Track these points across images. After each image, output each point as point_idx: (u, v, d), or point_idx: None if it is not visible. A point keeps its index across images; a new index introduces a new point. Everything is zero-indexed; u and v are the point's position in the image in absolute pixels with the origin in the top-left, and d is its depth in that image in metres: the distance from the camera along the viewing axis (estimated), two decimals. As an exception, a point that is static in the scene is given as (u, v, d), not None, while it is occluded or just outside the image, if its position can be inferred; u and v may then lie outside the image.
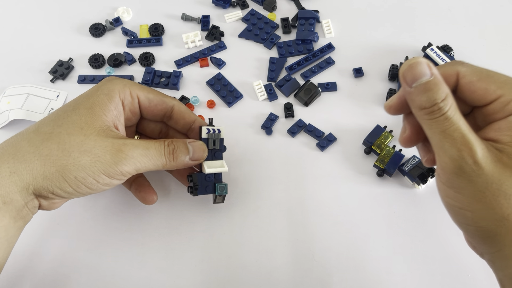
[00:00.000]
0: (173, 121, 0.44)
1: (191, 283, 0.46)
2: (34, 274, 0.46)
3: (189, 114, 0.45)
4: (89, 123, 0.37)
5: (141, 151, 0.37)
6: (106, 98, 0.39)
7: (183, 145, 0.41)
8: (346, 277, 0.45)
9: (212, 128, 0.44)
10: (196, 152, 0.41)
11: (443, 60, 0.55)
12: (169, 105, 0.43)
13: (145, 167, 0.38)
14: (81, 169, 0.35)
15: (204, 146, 0.42)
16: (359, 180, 0.51)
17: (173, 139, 0.41)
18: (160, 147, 0.39)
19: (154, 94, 0.42)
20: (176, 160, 0.40)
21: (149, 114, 0.43)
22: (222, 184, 0.45)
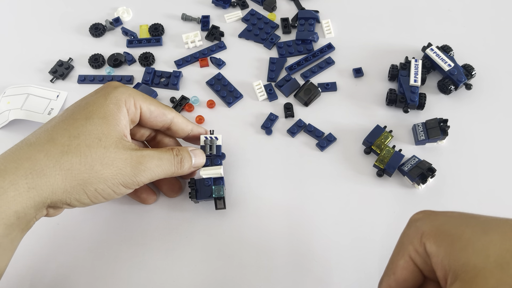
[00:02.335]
0: (171, 132, 0.46)
1: (191, 283, 0.46)
2: (34, 274, 0.46)
3: (186, 124, 0.46)
4: (106, 134, 0.37)
5: (157, 162, 0.39)
6: (115, 108, 0.39)
7: (188, 154, 0.43)
8: (346, 277, 0.45)
9: (209, 136, 0.48)
10: (197, 160, 0.44)
11: (443, 60, 0.55)
12: (168, 118, 0.44)
13: (158, 176, 0.40)
14: (103, 182, 0.36)
15: (203, 153, 0.45)
16: (359, 180, 0.51)
17: (179, 148, 0.42)
18: (171, 158, 0.41)
19: (155, 106, 0.43)
20: (182, 168, 0.42)
21: (148, 124, 0.44)
22: (218, 186, 0.46)
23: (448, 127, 0.51)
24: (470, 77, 0.56)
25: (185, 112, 0.56)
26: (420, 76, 0.54)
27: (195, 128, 0.47)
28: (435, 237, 0.28)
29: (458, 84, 0.54)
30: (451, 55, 0.58)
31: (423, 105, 0.54)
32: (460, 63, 0.57)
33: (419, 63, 0.55)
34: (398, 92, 0.55)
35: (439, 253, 0.28)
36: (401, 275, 0.30)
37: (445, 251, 0.27)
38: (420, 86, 0.55)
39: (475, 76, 0.56)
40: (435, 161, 0.50)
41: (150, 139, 0.48)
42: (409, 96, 0.53)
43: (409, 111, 0.55)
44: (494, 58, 0.59)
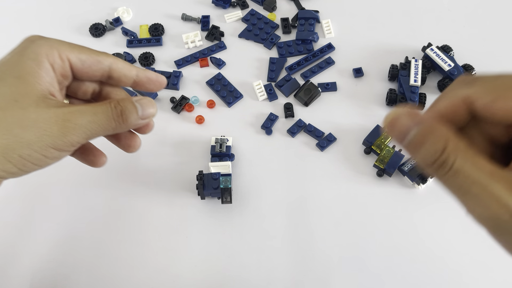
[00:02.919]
0: (114, 80, 0.40)
1: (191, 283, 0.45)
2: (34, 274, 0.46)
3: (129, 68, 0.40)
4: (23, 94, 0.33)
5: (89, 118, 0.34)
6: (34, 64, 0.35)
7: (131, 104, 0.37)
8: (346, 277, 0.45)
9: (221, 137, 0.51)
10: (145, 109, 0.38)
11: (443, 60, 0.55)
12: (105, 65, 0.39)
13: (95, 134, 0.35)
14: (26, 146, 0.32)
15: (152, 101, 0.39)
16: (359, 180, 0.51)
17: (119, 100, 0.37)
18: (108, 111, 0.36)
19: (86, 54, 0.38)
20: (126, 122, 0.37)
21: (84, 76, 0.39)
22: (226, 177, 0.47)
23: (448, 127, 0.51)
24: (470, 77, 0.56)
25: (185, 112, 0.56)
26: (420, 76, 0.54)
27: (141, 72, 0.41)
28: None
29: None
30: (451, 55, 0.58)
31: (423, 105, 0.54)
32: (460, 63, 0.57)
33: (419, 63, 0.55)
34: (398, 92, 0.55)
35: None
36: (443, 107, 0.26)
37: None
38: (420, 86, 0.55)
39: (475, 76, 0.56)
40: (435, 161, 0.50)
41: (97, 95, 0.43)
42: (409, 96, 0.53)
43: (409, 111, 0.55)
44: (494, 58, 0.59)
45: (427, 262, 0.46)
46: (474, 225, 0.36)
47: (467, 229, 0.48)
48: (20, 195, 0.51)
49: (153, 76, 0.42)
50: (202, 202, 0.50)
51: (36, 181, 0.52)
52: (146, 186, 0.51)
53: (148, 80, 0.42)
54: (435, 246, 0.47)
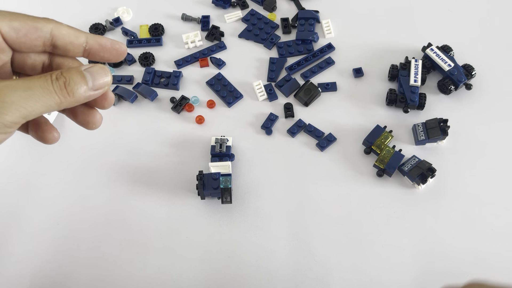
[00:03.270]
0: (60, 49, 0.35)
1: (191, 283, 0.46)
2: (34, 274, 0.46)
3: (76, 34, 0.35)
4: None
5: (23, 93, 0.30)
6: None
7: (77, 74, 0.32)
8: (346, 277, 0.45)
9: (221, 137, 0.51)
10: (96, 78, 0.33)
11: (443, 60, 0.55)
12: (45, 31, 0.33)
13: (35, 111, 0.31)
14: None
15: (105, 67, 0.34)
16: (359, 180, 0.51)
17: (63, 70, 0.32)
18: (47, 83, 0.31)
19: (20, 21, 0.33)
20: (73, 95, 0.32)
21: (23, 47, 0.34)
22: (226, 177, 0.47)
23: (448, 127, 0.51)
24: (470, 77, 0.56)
25: (185, 112, 0.56)
26: (420, 76, 0.54)
27: (91, 39, 0.35)
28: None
29: (458, 84, 0.54)
30: (451, 55, 0.58)
31: (423, 105, 0.54)
32: (460, 63, 0.57)
33: (419, 63, 0.55)
34: (398, 92, 0.55)
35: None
36: None
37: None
38: (420, 86, 0.55)
39: (475, 76, 0.56)
40: (435, 161, 0.50)
41: (48, 69, 0.37)
42: (409, 96, 0.53)
43: (409, 111, 0.55)
44: (494, 58, 0.59)
45: (427, 262, 0.46)
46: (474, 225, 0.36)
47: (467, 229, 0.48)
48: (20, 195, 0.51)
49: (107, 43, 0.36)
50: (202, 202, 0.50)
51: (36, 181, 0.52)
52: (146, 186, 0.51)
53: (101, 47, 0.36)
54: (435, 246, 0.47)
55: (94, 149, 0.54)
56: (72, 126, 0.55)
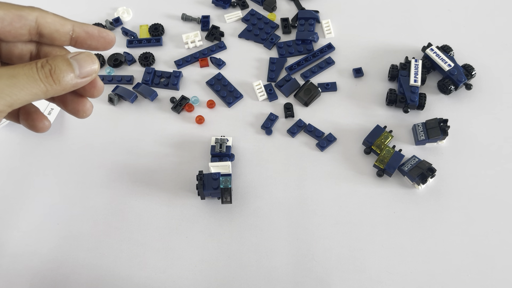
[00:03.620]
0: (46, 38, 0.35)
1: (191, 283, 0.46)
2: (34, 274, 0.46)
3: (62, 22, 0.35)
4: None
5: (7, 81, 0.30)
6: None
7: (64, 62, 0.32)
8: (346, 277, 0.45)
9: (221, 137, 0.51)
10: (83, 66, 0.33)
11: (443, 60, 0.55)
12: (30, 20, 0.33)
13: (20, 99, 0.30)
14: None
15: (91, 55, 0.33)
16: (359, 180, 0.51)
17: (49, 58, 0.32)
18: (32, 71, 0.31)
19: (4, 10, 0.32)
20: (59, 83, 0.32)
21: (8, 36, 0.33)
22: (226, 177, 0.47)
23: (448, 127, 0.51)
24: (470, 77, 0.56)
25: (185, 112, 0.56)
26: (420, 76, 0.54)
27: (78, 27, 0.35)
28: None
29: (458, 84, 0.54)
30: (451, 55, 0.58)
31: (423, 105, 0.54)
32: (460, 63, 0.57)
33: (419, 63, 0.55)
34: (398, 92, 0.55)
35: None
36: None
37: None
38: (420, 86, 0.55)
39: (475, 76, 0.56)
40: (435, 161, 0.51)
41: (36, 58, 0.37)
42: (409, 96, 0.53)
43: (409, 111, 0.55)
44: (494, 58, 0.59)
45: (427, 262, 0.46)
46: (474, 225, 0.36)
47: (467, 229, 0.48)
48: (20, 195, 0.51)
49: (94, 31, 0.36)
50: (202, 202, 0.50)
51: (36, 181, 0.52)
52: (146, 186, 0.51)
53: (88, 35, 0.35)
54: (435, 246, 0.47)
55: (94, 149, 0.54)
56: (73, 126, 0.56)
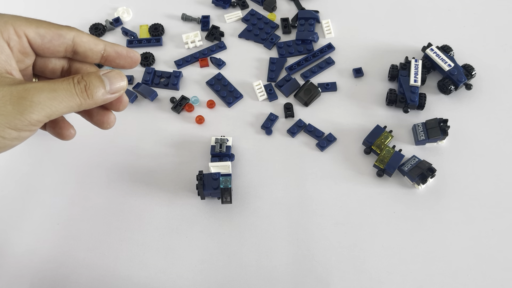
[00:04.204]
0: (80, 56, 0.38)
1: (191, 283, 0.46)
2: (34, 274, 0.46)
3: (95, 42, 0.38)
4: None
5: (48, 94, 0.32)
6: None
7: (97, 78, 0.35)
8: (346, 277, 0.45)
9: (221, 137, 0.51)
10: (113, 83, 0.36)
11: (443, 60, 0.55)
12: (67, 38, 0.36)
13: (57, 111, 0.33)
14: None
15: (121, 73, 0.37)
16: (359, 180, 0.51)
17: (84, 74, 0.35)
18: (69, 86, 0.34)
19: (45, 28, 0.36)
20: (92, 98, 0.35)
21: (46, 52, 0.37)
22: (226, 177, 0.47)
23: (448, 127, 0.51)
24: (470, 77, 0.56)
25: (185, 112, 0.56)
26: (420, 76, 0.54)
27: (109, 47, 0.38)
28: None
29: (458, 84, 0.54)
30: (451, 55, 0.58)
31: (423, 105, 0.54)
32: (460, 63, 0.57)
33: (419, 63, 0.55)
34: (398, 92, 0.55)
35: None
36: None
37: None
38: (420, 86, 0.55)
39: (475, 76, 0.56)
40: (435, 161, 0.51)
41: (67, 73, 0.40)
42: (409, 96, 0.53)
43: (409, 111, 0.55)
44: (494, 58, 0.59)
45: (427, 262, 0.46)
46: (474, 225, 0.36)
47: (467, 228, 0.48)
48: (20, 195, 0.51)
49: (123, 51, 0.39)
50: (202, 202, 0.50)
51: (36, 181, 0.52)
52: (146, 186, 0.51)
53: (117, 55, 0.39)
54: (435, 246, 0.47)
55: (94, 149, 0.54)
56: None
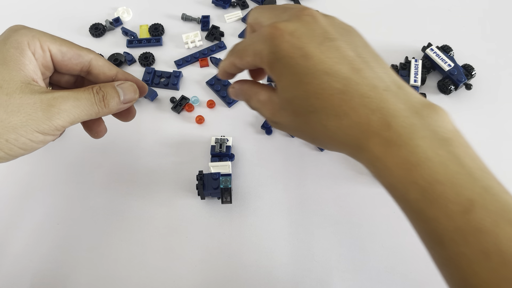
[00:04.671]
0: (93, 76, 0.42)
1: (191, 283, 0.46)
2: (34, 274, 0.46)
3: (110, 67, 0.42)
4: (8, 80, 0.34)
5: (73, 103, 0.36)
6: (17, 52, 0.36)
7: (112, 89, 0.39)
8: (346, 277, 0.45)
9: (221, 137, 0.52)
10: (127, 94, 0.40)
11: (443, 60, 0.55)
12: (85, 59, 0.40)
13: (79, 118, 0.37)
14: (12, 131, 0.33)
15: (134, 85, 0.41)
16: (359, 180, 0.51)
17: (101, 85, 0.39)
18: (90, 96, 0.37)
19: (68, 47, 0.39)
20: (108, 107, 0.38)
21: (63, 68, 0.40)
22: (226, 177, 0.47)
23: (448, 127, 0.51)
24: (470, 77, 0.56)
25: (185, 112, 0.56)
26: (420, 76, 0.54)
27: (121, 74, 0.42)
28: None
29: (458, 84, 0.54)
30: (451, 55, 0.58)
31: (423, 105, 0.54)
32: (460, 63, 0.57)
33: (419, 63, 0.55)
34: (398, 92, 0.55)
35: None
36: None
37: None
38: (420, 86, 0.55)
39: (475, 76, 0.56)
40: (435, 161, 0.50)
41: (79, 86, 0.43)
42: (409, 96, 0.53)
43: (409, 111, 0.55)
44: (494, 58, 0.59)
45: (427, 262, 0.46)
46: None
47: (467, 229, 0.48)
48: (20, 195, 0.51)
49: (133, 80, 0.42)
50: (202, 202, 0.50)
51: (37, 181, 0.52)
52: (146, 186, 0.51)
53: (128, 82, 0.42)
54: (435, 246, 0.47)
55: (94, 149, 0.54)
56: (72, 126, 0.55)
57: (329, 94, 0.31)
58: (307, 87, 0.32)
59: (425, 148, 0.29)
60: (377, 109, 0.30)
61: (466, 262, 0.27)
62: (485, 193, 0.28)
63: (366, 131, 0.30)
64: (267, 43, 0.33)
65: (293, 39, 0.33)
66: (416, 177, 0.29)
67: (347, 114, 0.31)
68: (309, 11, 0.36)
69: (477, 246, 0.27)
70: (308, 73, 0.32)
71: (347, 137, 0.32)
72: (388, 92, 0.31)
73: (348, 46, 0.34)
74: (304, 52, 0.32)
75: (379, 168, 0.31)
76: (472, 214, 0.27)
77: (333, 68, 0.31)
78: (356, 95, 0.30)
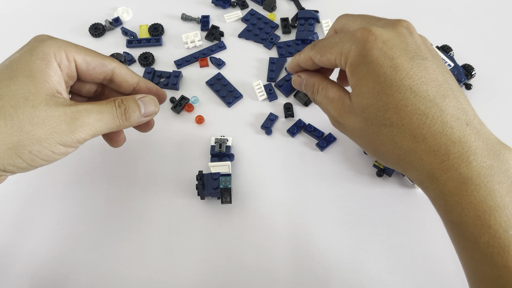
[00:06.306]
0: (115, 84, 0.42)
1: (191, 283, 0.46)
2: (34, 274, 0.46)
3: (132, 75, 0.42)
4: (34, 92, 0.34)
5: (96, 116, 0.36)
6: (43, 64, 0.36)
7: (134, 102, 0.39)
8: (346, 277, 0.45)
9: (220, 136, 0.52)
10: (148, 107, 0.40)
11: (443, 60, 0.55)
12: (109, 68, 0.41)
13: (100, 131, 0.37)
14: (36, 143, 0.34)
15: (155, 99, 0.41)
16: (359, 180, 0.51)
17: (123, 98, 0.39)
18: (113, 109, 0.38)
19: (92, 56, 0.40)
20: (129, 120, 0.39)
21: (87, 77, 0.41)
22: (225, 177, 0.47)
23: (448, 127, 0.51)
24: (470, 77, 0.56)
25: (185, 112, 0.56)
26: (420, 76, 0.54)
27: (142, 82, 0.43)
28: None
29: (458, 84, 0.54)
30: (451, 55, 0.58)
31: (423, 105, 0.54)
32: (460, 63, 0.57)
33: (419, 63, 0.55)
34: (398, 92, 0.55)
35: None
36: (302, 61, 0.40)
37: None
38: (420, 86, 0.55)
39: (475, 76, 0.56)
40: (435, 161, 0.50)
41: (100, 94, 0.45)
42: (409, 96, 0.53)
43: (409, 111, 0.55)
44: (494, 58, 0.59)
45: (427, 262, 0.46)
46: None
47: (467, 229, 0.48)
48: (20, 195, 0.51)
49: (153, 88, 0.43)
50: (202, 202, 0.50)
51: (37, 181, 0.52)
52: (146, 186, 0.51)
53: (148, 90, 0.43)
54: (435, 246, 0.47)
55: (94, 149, 0.54)
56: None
57: (410, 113, 0.30)
58: (388, 99, 0.31)
59: (502, 194, 0.28)
60: (458, 142, 0.29)
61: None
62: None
63: (444, 162, 0.29)
64: (357, 44, 0.33)
65: (385, 48, 0.32)
66: (491, 221, 0.28)
67: (426, 139, 0.30)
68: (406, 23, 0.35)
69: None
70: (393, 85, 0.31)
71: (420, 162, 0.30)
72: (470, 126, 0.30)
73: (438, 69, 0.33)
74: (394, 64, 0.31)
75: (450, 204, 0.30)
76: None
77: (420, 88, 0.30)
78: (438, 122, 0.29)
